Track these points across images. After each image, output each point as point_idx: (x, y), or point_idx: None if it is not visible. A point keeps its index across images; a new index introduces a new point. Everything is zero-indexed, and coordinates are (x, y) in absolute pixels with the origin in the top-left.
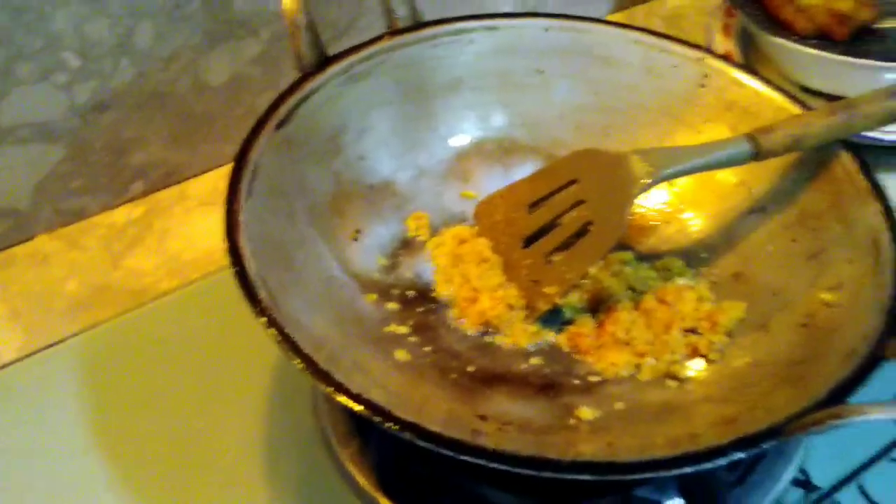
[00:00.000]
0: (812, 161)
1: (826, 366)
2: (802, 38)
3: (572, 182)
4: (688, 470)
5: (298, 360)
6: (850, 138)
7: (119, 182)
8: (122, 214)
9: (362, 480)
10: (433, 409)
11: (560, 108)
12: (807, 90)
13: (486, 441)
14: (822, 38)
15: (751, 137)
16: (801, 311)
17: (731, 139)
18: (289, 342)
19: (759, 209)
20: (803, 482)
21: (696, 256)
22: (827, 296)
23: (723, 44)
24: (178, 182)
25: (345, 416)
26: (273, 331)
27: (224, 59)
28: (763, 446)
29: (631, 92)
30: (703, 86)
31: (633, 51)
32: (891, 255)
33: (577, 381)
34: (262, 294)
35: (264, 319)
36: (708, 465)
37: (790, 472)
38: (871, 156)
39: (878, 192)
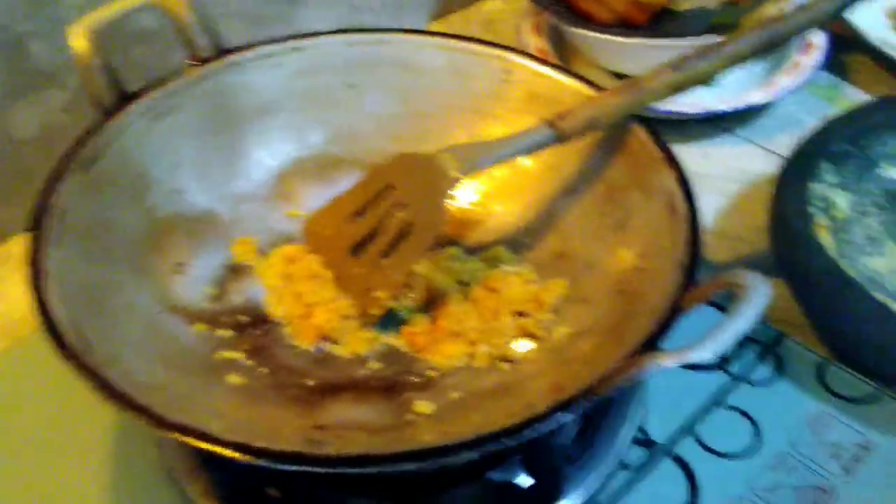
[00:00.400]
0: (613, 138)
1: (638, 325)
2: (605, 27)
3: (391, 187)
4: (510, 442)
5: (113, 400)
6: (643, 112)
7: None
8: None
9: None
10: (269, 427)
11: (375, 120)
12: (619, 75)
13: (322, 449)
14: (624, 25)
15: (550, 123)
16: (616, 279)
17: (533, 127)
18: (101, 384)
19: (571, 190)
20: (643, 441)
21: (519, 242)
22: (636, 261)
23: (535, 42)
24: (3, 240)
25: (190, 452)
26: (84, 375)
27: (30, 111)
28: (578, 405)
29: (441, 95)
30: (507, 81)
31: (437, 56)
32: (685, 215)
33: (416, 379)
34: (71, 339)
35: (73, 364)
36: (530, 433)
37: (629, 434)
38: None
39: (671, 159)
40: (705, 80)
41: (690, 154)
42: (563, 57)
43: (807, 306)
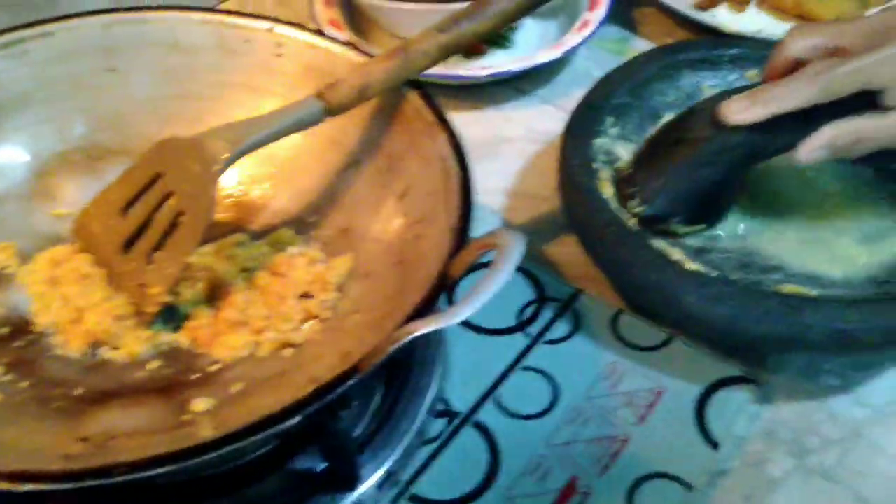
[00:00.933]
0: (389, 106)
1: (412, 295)
2: None
3: (159, 176)
4: (259, 436)
5: None
6: (423, 78)
7: None
8: None
9: None
10: (28, 445)
11: (144, 104)
12: None
13: (79, 463)
14: None
15: (319, 95)
16: (397, 250)
17: (301, 101)
18: None
19: (354, 163)
20: (445, 412)
21: (306, 222)
22: (416, 229)
23: (326, 14)
24: None
25: None
26: None
27: None
28: (339, 391)
29: (212, 73)
30: (279, 55)
31: (203, 32)
32: (458, 180)
33: (196, 376)
34: None
35: None
36: (283, 426)
37: (427, 409)
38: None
39: (444, 123)
40: (477, 40)
41: (492, 118)
42: (359, 28)
43: (596, 259)
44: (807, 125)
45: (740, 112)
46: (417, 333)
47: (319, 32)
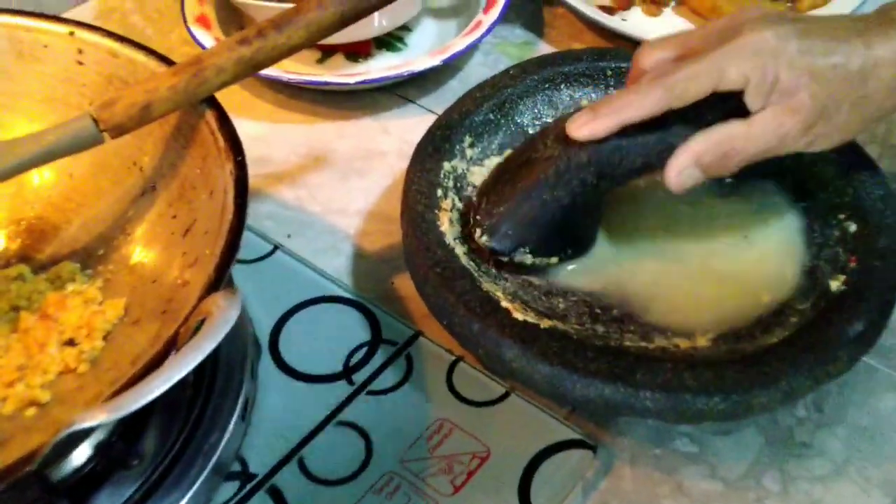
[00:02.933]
0: (188, 127)
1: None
2: None
3: None
4: None
5: None
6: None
7: None
8: None
9: None
10: None
11: None
12: None
13: None
14: None
15: (94, 115)
16: (165, 296)
17: (76, 119)
18: None
19: (150, 188)
20: (239, 473)
21: (93, 255)
22: (185, 274)
23: (196, 9)
24: None
25: None
26: None
27: None
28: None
29: (6, 81)
30: (80, 63)
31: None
32: (230, 222)
33: None
34: None
35: None
36: None
37: (207, 471)
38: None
39: (234, 149)
40: (285, 54)
41: (369, 128)
42: (234, 25)
43: (424, 301)
44: (661, 140)
45: (583, 126)
46: (79, 427)
47: (122, 38)
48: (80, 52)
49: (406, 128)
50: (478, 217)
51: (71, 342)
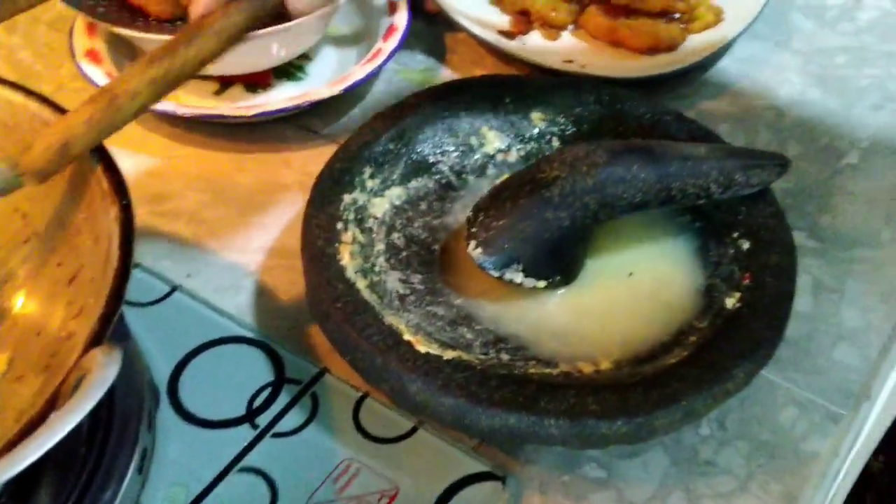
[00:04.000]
0: (77, 172)
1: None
2: (164, 23)
3: None
4: None
5: None
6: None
7: None
8: None
9: None
10: None
11: None
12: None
13: None
14: (186, 20)
15: (12, 164)
16: (49, 350)
17: None
18: None
19: (34, 235)
20: None
21: None
22: (69, 325)
23: (86, 43)
24: None
25: None
26: None
27: None
28: None
29: None
30: None
31: None
32: (114, 269)
33: None
34: None
35: None
36: None
37: None
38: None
39: (119, 191)
40: (200, 65)
41: (269, 162)
42: (130, 58)
43: (326, 335)
44: (661, 181)
45: None
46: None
47: (16, 86)
48: None
49: (308, 159)
50: (473, 230)
51: None
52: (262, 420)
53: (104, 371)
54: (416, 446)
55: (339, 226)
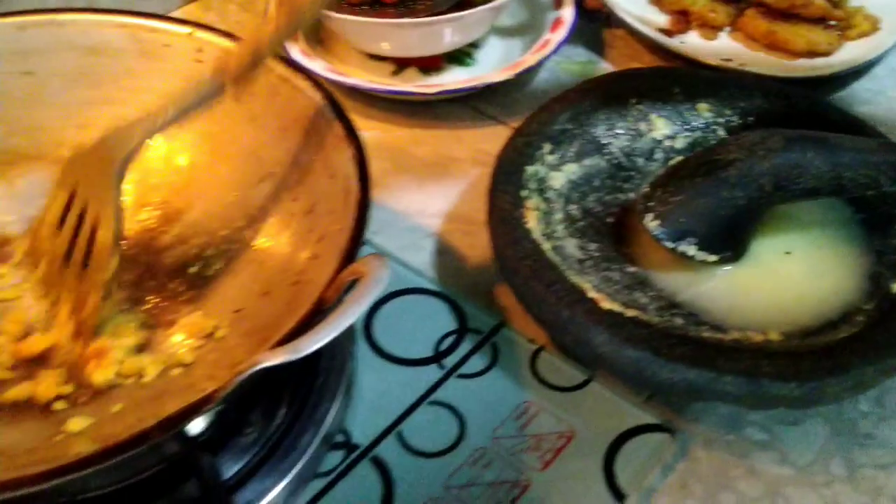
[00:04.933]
0: (305, 118)
1: (293, 319)
2: (354, 6)
3: (74, 191)
4: (102, 465)
5: None
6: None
7: None
8: None
9: None
10: None
11: (61, 108)
12: (374, 56)
13: None
14: (374, 4)
15: (213, 70)
16: (296, 269)
17: (196, 81)
18: None
19: (268, 175)
20: (343, 444)
21: (216, 235)
22: (314, 248)
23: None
24: None
25: None
26: None
27: None
28: (186, 421)
29: (131, 78)
30: (199, 61)
31: (120, 36)
32: (356, 199)
33: (76, 395)
34: None
35: None
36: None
37: (318, 439)
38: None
39: (352, 138)
40: None
41: (444, 137)
42: (318, 38)
43: (513, 292)
44: (833, 169)
45: None
46: (261, 367)
47: (237, 38)
48: (199, 51)
49: (478, 137)
50: (650, 204)
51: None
52: (449, 362)
53: (379, 273)
54: (590, 396)
55: (524, 193)
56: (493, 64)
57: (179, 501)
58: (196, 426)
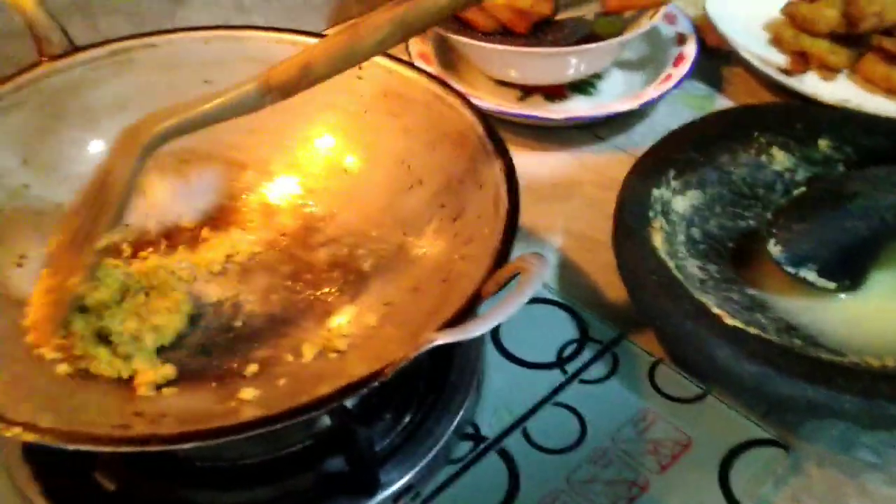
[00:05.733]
0: (454, 131)
1: (448, 310)
2: (486, 35)
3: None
4: (276, 426)
5: None
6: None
7: None
8: None
9: (37, 498)
10: (90, 414)
11: None
12: (501, 83)
13: (131, 432)
14: (506, 33)
15: (260, 79)
16: (444, 268)
17: (242, 82)
18: None
19: (417, 182)
20: (472, 435)
21: (367, 236)
22: (462, 250)
23: (419, 47)
24: None
25: (13, 441)
26: None
27: None
28: (362, 390)
29: None
30: (360, 77)
31: (291, 52)
32: (506, 206)
33: (245, 369)
34: None
35: None
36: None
37: (453, 430)
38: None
39: (501, 150)
40: (433, 17)
41: (567, 161)
42: (448, 63)
43: (637, 305)
44: None
45: None
46: (437, 343)
47: (397, 59)
48: (360, 69)
49: (599, 162)
50: (774, 231)
51: None
52: (570, 367)
53: (540, 269)
54: (707, 409)
55: (651, 214)
56: (614, 94)
57: (324, 475)
58: (352, 401)
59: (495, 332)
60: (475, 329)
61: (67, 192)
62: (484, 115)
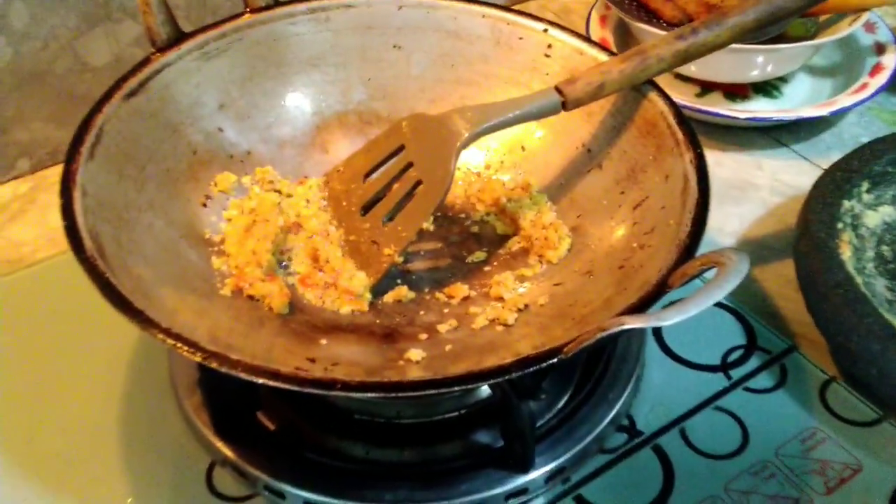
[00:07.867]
0: (641, 119)
1: (627, 298)
2: (672, 26)
3: (402, 148)
4: (447, 389)
5: (111, 299)
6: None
7: (3, 159)
8: (7, 190)
9: (202, 426)
10: (262, 351)
11: (418, 81)
12: (680, 76)
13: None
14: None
15: (558, 88)
16: (620, 255)
17: (541, 91)
18: (107, 288)
19: (597, 167)
20: (627, 427)
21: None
22: (641, 239)
23: (599, 33)
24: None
25: (189, 370)
26: (91, 274)
27: (103, 40)
28: (543, 364)
29: (483, 63)
30: (548, 56)
31: (482, 24)
32: (695, 200)
33: (414, 331)
34: (89, 245)
35: (83, 264)
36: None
37: (610, 419)
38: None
39: (693, 142)
40: (710, 50)
41: (744, 163)
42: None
43: (817, 319)
44: None
45: None
46: (626, 327)
47: (589, 40)
48: (550, 47)
49: (777, 167)
50: None
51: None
52: (735, 374)
53: (741, 265)
54: (882, 435)
55: (840, 225)
56: (799, 99)
57: (475, 446)
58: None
59: (658, 329)
60: (669, 318)
61: (257, 140)
62: (675, 105)
